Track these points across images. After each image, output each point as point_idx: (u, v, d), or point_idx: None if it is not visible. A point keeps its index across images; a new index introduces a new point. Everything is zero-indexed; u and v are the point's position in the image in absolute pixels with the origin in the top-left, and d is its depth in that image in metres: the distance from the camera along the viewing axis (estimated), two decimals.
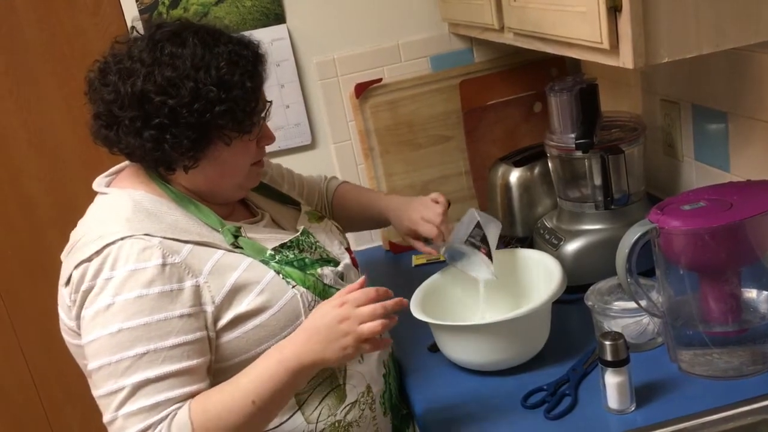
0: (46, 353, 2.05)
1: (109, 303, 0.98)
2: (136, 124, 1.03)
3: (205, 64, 1.03)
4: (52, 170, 1.93)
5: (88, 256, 1.01)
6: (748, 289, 1.13)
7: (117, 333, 0.98)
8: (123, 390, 0.97)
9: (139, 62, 1.03)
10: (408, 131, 1.90)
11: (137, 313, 0.98)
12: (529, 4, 1.23)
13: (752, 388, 1.06)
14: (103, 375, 0.98)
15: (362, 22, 1.85)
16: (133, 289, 0.98)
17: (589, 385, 1.15)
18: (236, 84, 1.04)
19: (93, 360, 0.99)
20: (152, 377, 0.97)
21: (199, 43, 1.04)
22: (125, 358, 0.97)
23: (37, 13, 1.81)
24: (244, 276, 1.06)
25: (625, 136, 1.46)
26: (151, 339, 0.98)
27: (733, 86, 1.31)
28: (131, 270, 0.99)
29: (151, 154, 1.05)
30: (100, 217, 1.08)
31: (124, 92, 1.02)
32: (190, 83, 1.01)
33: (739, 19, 0.95)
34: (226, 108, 1.03)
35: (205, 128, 1.04)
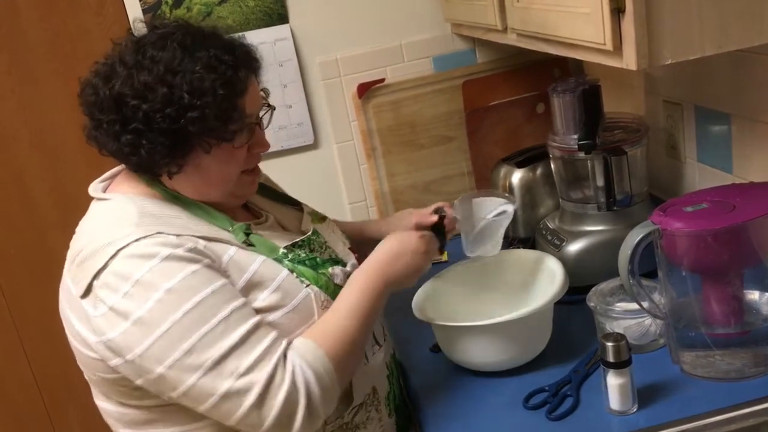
0: (48, 353, 2.05)
1: (167, 288, 0.95)
2: (114, 128, 1.02)
3: (183, 68, 1.00)
4: (55, 170, 1.93)
5: (104, 263, 0.97)
6: (750, 291, 1.12)
7: (195, 308, 0.95)
8: (232, 350, 0.95)
9: (123, 65, 1.02)
10: (410, 131, 1.90)
11: (202, 285, 0.97)
12: (532, 5, 1.23)
13: (754, 390, 1.06)
14: (197, 354, 0.94)
15: (365, 23, 1.85)
16: (184, 268, 0.97)
17: (590, 387, 1.15)
18: (207, 90, 1.00)
19: (172, 350, 0.94)
20: (249, 329, 0.97)
21: (179, 47, 1.01)
22: (215, 323, 0.95)
23: (39, 13, 1.82)
24: (259, 272, 1.04)
25: (627, 137, 1.45)
26: (228, 301, 0.97)
27: (736, 88, 1.31)
28: (169, 254, 0.97)
29: (130, 159, 1.04)
30: (104, 223, 1.04)
31: (102, 95, 1.02)
32: (164, 88, 0.99)
33: (743, 21, 0.95)
34: (198, 115, 0.99)
35: (179, 134, 1.01)
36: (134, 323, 0.95)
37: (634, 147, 1.44)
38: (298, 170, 1.90)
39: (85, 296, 0.99)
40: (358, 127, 1.89)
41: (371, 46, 1.86)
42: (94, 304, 0.98)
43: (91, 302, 0.99)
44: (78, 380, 2.21)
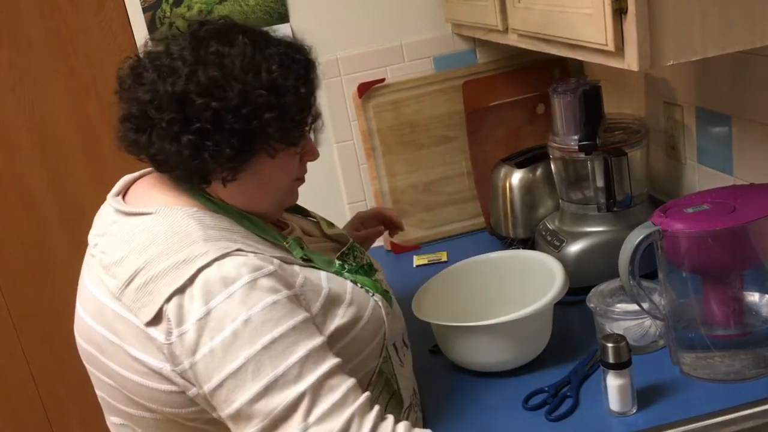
0: (47, 352, 2.05)
1: (245, 319, 0.86)
2: (173, 128, 0.92)
3: (256, 65, 0.92)
4: (55, 169, 1.93)
5: (181, 285, 0.87)
6: (750, 293, 1.12)
7: (271, 344, 0.86)
8: (305, 396, 0.85)
9: (180, 60, 0.92)
10: (410, 131, 1.90)
11: (282, 318, 0.88)
12: (533, 5, 1.23)
13: (754, 391, 1.06)
14: (270, 395, 0.85)
15: (365, 22, 1.85)
16: (264, 297, 0.88)
17: (590, 387, 1.15)
18: (289, 89, 0.94)
19: (244, 389, 0.85)
20: (326, 371, 0.87)
21: (249, 42, 0.94)
22: (292, 364, 0.86)
23: (40, 11, 1.81)
24: (332, 288, 0.98)
25: (628, 138, 1.45)
26: (305, 340, 0.88)
27: (737, 89, 1.31)
28: (248, 282, 0.88)
29: (188, 163, 0.94)
30: (164, 240, 0.92)
31: (162, 91, 0.92)
32: (239, 85, 0.91)
33: (745, 22, 0.95)
34: (276, 115, 0.93)
35: (250, 137, 0.93)
36: (210, 353, 0.87)
37: (634, 148, 1.44)
38: None
39: (153, 323, 0.88)
40: (358, 126, 1.89)
41: (372, 46, 1.86)
42: (167, 330, 0.88)
43: (164, 329, 0.88)
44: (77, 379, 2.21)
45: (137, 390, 0.94)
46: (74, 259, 2.06)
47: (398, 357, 1.10)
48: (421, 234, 1.94)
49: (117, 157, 1.24)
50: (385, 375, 1.06)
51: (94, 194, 1.30)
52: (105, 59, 1.86)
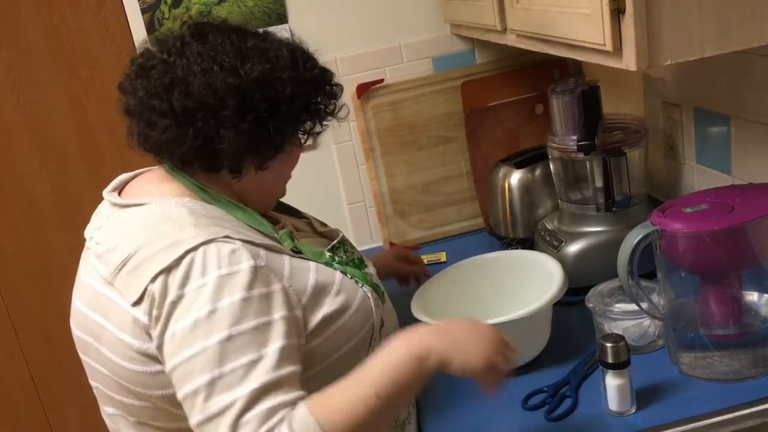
0: (47, 353, 2.05)
1: (210, 310, 0.87)
2: (234, 118, 0.96)
3: (295, 60, 1.01)
4: (54, 170, 1.93)
5: (167, 265, 0.89)
6: (749, 292, 1.13)
7: (227, 340, 0.87)
8: (238, 401, 0.85)
9: (225, 54, 0.97)
10: (409, 132, 1.90)
11: (244, 318, 0.88)
12: (531, 5, 1.23)
13: (753, 391, 1.06)
14: (212, 391, 0.86)
15: (364, 23, 1.85)
16: (234, 293, 0.89)
17: (589, 387, 1.15)
18: (327, 80, 1.05)
19: (195, 377, 0.86)
20: (268, 382, 0.86)
21: (275, 39, 1.02)
22: (239, 366, 0.86)
23: (39, 12, 1.81)
24: (319, 278, 1.00)
25: (626, 138, 1.45)
26: (262, 343, 0.88)
27: (735, 89, 1.31)
28: (226, 274, 0.89)
29: (240, 150, 0.98)
30: (155, 227, 0.95)
31: (219, 84, 0.95)
32: (287, 75, 0.98)
33: (744, 22, 0.95)
34: (318, 107, 1.03)
35: (296, 125, 1.02)
36: (170, 336, 0.89)
37: (633, 148, 1.44)
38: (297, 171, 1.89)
39: (138, 303, 0.91)
40: (357, 127, 1.89)
41: (370, 47, 1.86)
42: (149, 307, 0.91)
43: (147, 307, 0.91)
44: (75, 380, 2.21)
45: (127, 375, 0.96)
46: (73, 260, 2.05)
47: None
48: (420, 234, 1.94)
49: (116, 157, 1.26)
50: None
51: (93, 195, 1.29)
52: (104, 60, 1.86)
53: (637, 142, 1.46)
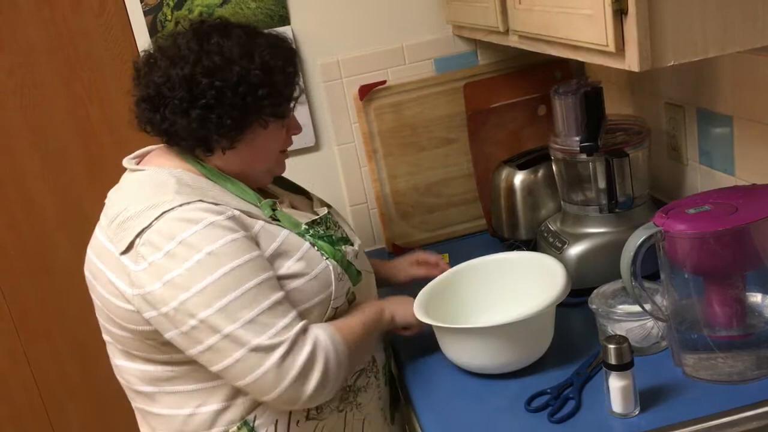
0: (49, 353, 2.05)
1: (207, 251, 1.04)
2: (183, 105, 1.11)
3: (249, 51, 1.13)
4: (56, 171, 1.93)
5: (148, 223, 1.06)
6: (753, 294, 1.12)
7: (231, 271, 1.04)
8: (264, 311, 1.05)
9: (188, 50, 1.12)
10: (412, 133, 1.90)
11: (239, 252, 1.06)
12: (534, 6, 1.23)
13: (757, 392, 1.06)
14: (228, 313, 1.03)
15: (366, 24, 1.85)
16: (225, 235, 1.06)
17: (592, 389, 1.15)
18: (278, 69, 1.14)
19: (206, 306, 1.03)
20: (279, 297, 1.07)
21: (243, 34, 1.15)
22: (250, 288, 1.05)
23: (41, 14, 1.82)
24: (285, 243, 1.14)
25: (629, 139, 1.45)
26: (260, 270, 1.07)
27: (738, 90, 1.31)
28: (211, 221, 1.06)
29: (195, 133, 1.13)
30: (144, 189, 1.13)
31: (173, 75, 1.11)
32: (236, 67, 1.11)
33: (745, 23, 0.95)
34: (268, 91, 1.13)
35: (246, 110, 1.13)
36: (173, 279, 1.04)
37: (636, 149, 1.44)
38: (299, 172, 1.88)
39: (125, 252, 1.08)
40: (359, 129, 1.89)
41: (373, 48, 1.86)
42: (135, 259, 1.07)
43: (132, 258, 1.07)
44: (78, 381, 2.22)
45: (113, 309, 1.12)
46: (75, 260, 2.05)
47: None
48: (422, 236, 1.94)
49: (117, 159, 1.26)
50: None
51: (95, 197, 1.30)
52: (106, 62, 1.86)
53: (640, 143, 1.46)
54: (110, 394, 2.05)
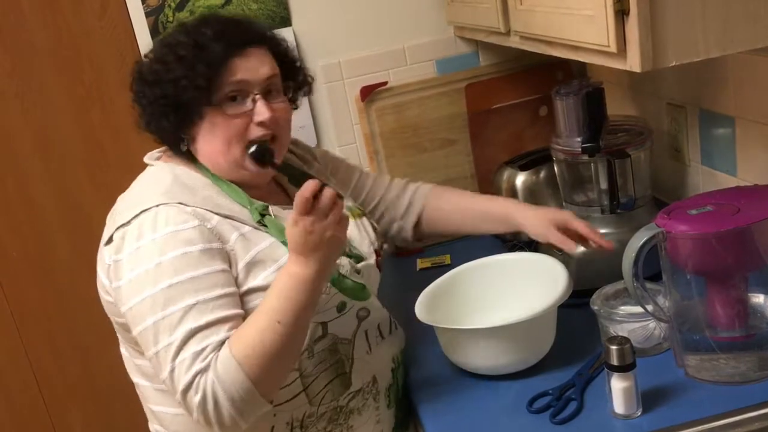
0: (50, 354, 2.05)
1: (157, 262, 1.05)
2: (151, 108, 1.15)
3: (175, 46, 1.13)
4: (57, 173, 1.93)
5: (127, 221, 1.09)
6: (755, 294, 1.12)
7: (167, 288, 1.04)
8: (176, 341, 1.02)
9: (152, 51, 1.18)
10: (413, 134, 1.90)
11: (184, 268, 1.05)
12: (535, 7, 1.23)
13: (759, 393, 1.06)
14: (157, 330, 1.04)
15: (368, 26, 1.85)
16: (178, 248, 1.05)
17: (595, 390, 1.15)
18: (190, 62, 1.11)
19: (143, 319, 1.05)
20: (201, 325, 1.03)
21: (182, 31, 1.15)
22: (177, 310, 1.03)
23: (43, 16, 1.82)
24: (264, 252, 1.11)
25: (631, 140, 1.45)
26: (199, 291, 1.04)
27: (740, 90, 1.31)
28: (172, 231, 1.06)
29: (157, 134, 1.17)
30: (142, 186, 1.17)
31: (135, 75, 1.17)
32: (160, 66, 1.13)
33: (747, 23, 0.95)
34: (185, 84, 1.11)
35: (178, 105, 1.12)
36: (126, 282, 1.07)
37: (637, 150, 1.44)
38: None
39: (107, 244, 1.12)
40: (360, 130, 1.89)
41: (374, 49, 1.86)
42: (110, 253, 1.11)
43: (110, 250, 1.11)
44: (79, 381, 2.22)
45: (102, 300, 1.17)
46: (76, 261, 2.05)
47: (367, 343, 1.20)
48: None
49: (119, 161, 1.26)
50: (339, 356, 1.16)
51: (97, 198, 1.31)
52: (108, 64, 1.86)
53: (642, 143, 1.46)
54: (111, 393, 2.05)
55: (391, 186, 1.48)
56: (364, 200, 1.44)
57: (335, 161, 1.45)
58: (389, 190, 1.47)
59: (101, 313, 1.20)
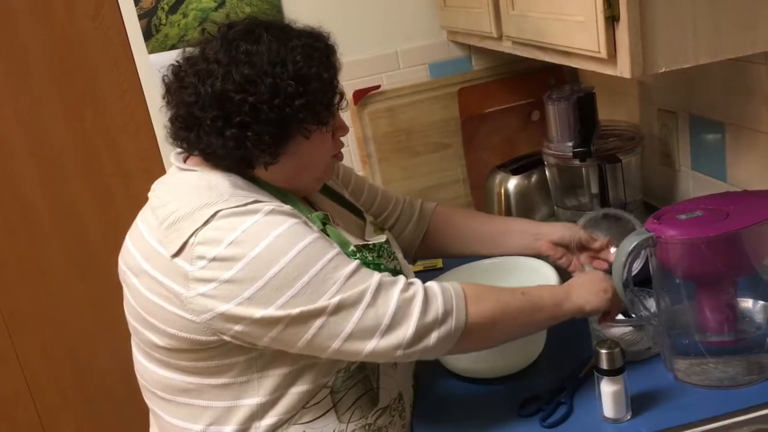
0: (42, 360, 2.04)
1: (276, 234, 0.98)
2: (217, 124, 1.03)
3: (282, 59, 1.03)
4: (51, 177, 1.93)
5: (203, 222, 0.99)
6: (744, 299, 1.12)
7: (304, 249, 0.99)
8: (351, 276, 0.99)
9: (216, 63, 1.04)
10: (406, 138, 1.90)
11: (306, 232, 1.01)
12: (527, 12, 1.24)
13: (748, 398, 1.06)
14: (313, 288, 0.98)
15: (361, 29, 1.86)
16: (287, 219, 1.01)
17: (585, 394, 1.15)
18: (313, 76, 1.05)
19: (295, 282, 0.97)
20: (357, 263, 1.02)
21: (273, 38, 1.05)
22: (331, 258, 1.00)
23: (36, 18, 1.82)
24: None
25: (622, 145, 1.46)
26: (329, 247, 1.01)
27: (730, 96, 1.32)
28: (270, 210, 1.01)
29: (233, 153, 1.05)
30: (196, 190, 1.05)
31: (203, 93, 1.03)
32: (269, 79, 1.02)
33: (737, 30, 0.95)
34: (305, 101, 1.04)
35: (285, 123, 1.04)
36: (243, 269, 0.97)
37: (628, 155, 1.45)
38: None
39: (178, 254, 1.00)
40: (353, 133, 1.89)
41: (367, 53, 1.87)
42: (190, 260, 0.99)
43: (187, 259, 1.00)
44: (71, 388, 2.20)
45: (151, 309, 1.05)
46: (70, 268, 2.05)
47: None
48: None
49: (113, 164, 1.25)
50: (366, 372, 1.12)
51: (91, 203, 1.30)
52: (101, 66, 1.86)
53: (633, 148, 1.46)
54: (103, 399, 2.05)
55: (397, 201, 1.45)
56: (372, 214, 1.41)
57: (346, 172, 1.42)
58: (396, 205, 1.44)
59: (94, 320, 1.18)
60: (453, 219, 1.44)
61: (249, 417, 1.07)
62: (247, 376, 1.06)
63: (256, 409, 1.06)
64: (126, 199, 1.90)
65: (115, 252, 1.14)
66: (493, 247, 1.40)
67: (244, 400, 1.06)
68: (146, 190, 1.14)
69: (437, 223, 1.44)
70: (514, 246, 1.38)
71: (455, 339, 1.03)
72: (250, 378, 1.06)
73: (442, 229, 1.43)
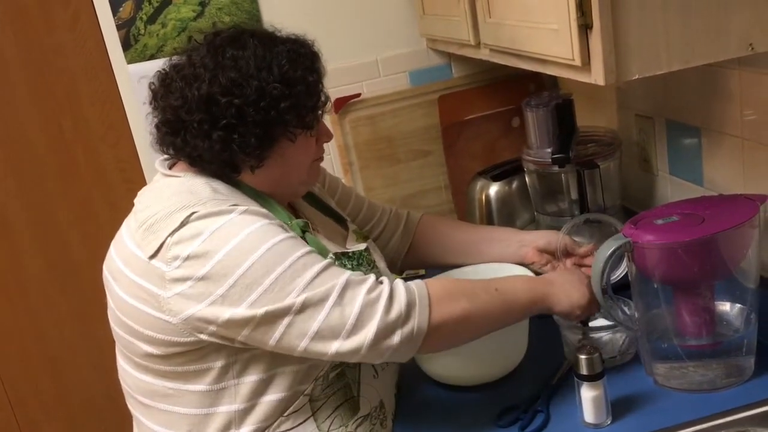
0: (23, 372, 2.02)
1: (247, 232, 1.00)
2: (203, 127, 1.05)
3: (267, 63, 1.05)
4: (30, 187, 1.91)
5: (179, 224, 1.00)
6: (721, 303, 1.13)
7: (280, 242, 1.00)
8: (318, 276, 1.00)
9: (202, 67, 1.05)
10: (387, 146, 1.90)
11: (277, 231, 1.02)
12: (503, 20, 1.25)
13: (727, 401, 1.07)
14: (280, 284, 0.98)
15: (341, 38, 1.86)
16: (259, 219, 1.02)
17: (564, 400, 1.15)
18: (298, 79, 1.07)
19: (263, 279, 0.98)
20: (328, 262, 1.02)
21: (259, 44, 1.07)
22: (301, 254, 1.00)
23: (13, 29, 1.80)
24: None
25: (600, 150, 1.47)
26: (300, 246, 1.02)
27: (705, 102, 1.33)
28: (243, 210, 1.02)
29: (220, 156, 1.06)
30: (177, 194, 1.06)
31: (190, 96, 1.04)
32: (255, 82, 1.04)
33: (708, 37, 0.96)
34: (291, 104, 1.06)
35: (271, 126, 1.06)
36: (215, 266, 0.98)
37: (607, 160, 1.46)
38: None
39: (155, 255, 1.01)
40: (335, 141, 1.89)
41: (347, 61, 1.87)
42: (166, 261, 1.00)
43: (163, 259, 1.01)
44: (53, 400, 2.18)
45: (130, 312, 1.06)
46: (49, 278, 2.02)
47: (374, 368, 1.16)
48: None
49: (91, 175, 1.25)
50: (346, 380, 1.12)
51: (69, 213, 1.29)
52: (79, 77, 1.85)
53: (611, 154, 1.47)
54: (85, 412, 2.03)
55: (384, 211, 1.45)
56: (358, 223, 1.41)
57: (333, 181, 1.43)
58: (383, 215, 1.44)
59: (74, 331, 1.18)
60: (438, 229, 1.44)
61: (227, 424, 1.07)
62: (224, 383, 1.06)
63: (233, 416, 1.07)
64: (106, 209, 1.89)
65: (96, 263, 1.14)
66: (478, 256, 1.40)
67: (221, 407, 1.07)
68: (126, 200, 1.14)
69: (423, 234, 1.44)
70: (499, 254, 1.38)
71: (420, 338, 1.03)
72: (227, 385, 1.06)
73: (427, 240, 1.44)
